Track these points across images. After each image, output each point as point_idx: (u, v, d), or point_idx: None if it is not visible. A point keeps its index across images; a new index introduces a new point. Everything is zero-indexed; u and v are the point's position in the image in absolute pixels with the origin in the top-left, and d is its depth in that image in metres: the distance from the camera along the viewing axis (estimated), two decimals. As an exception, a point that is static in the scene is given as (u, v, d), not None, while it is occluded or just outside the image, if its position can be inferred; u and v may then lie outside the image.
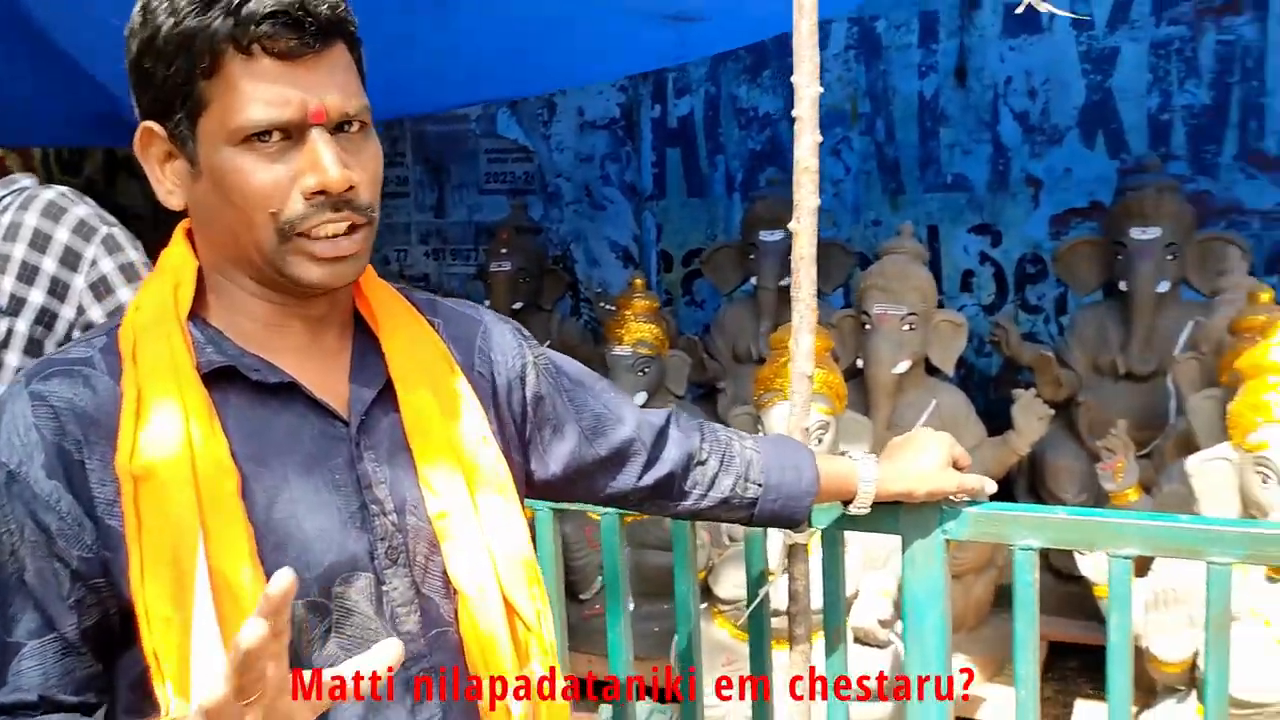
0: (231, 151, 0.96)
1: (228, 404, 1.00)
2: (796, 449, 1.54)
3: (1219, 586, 1.62)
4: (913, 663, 1.79)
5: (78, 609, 0.96)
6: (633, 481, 1.36)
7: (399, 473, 1.07)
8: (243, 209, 0.97)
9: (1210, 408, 2.97)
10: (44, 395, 0.96)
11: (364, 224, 1.02)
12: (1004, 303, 5.38)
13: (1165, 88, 4.96)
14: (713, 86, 5.79)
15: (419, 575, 1.06)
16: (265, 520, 0.98)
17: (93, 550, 0.96)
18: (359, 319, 1.13)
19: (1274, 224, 4.87)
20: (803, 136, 1.76)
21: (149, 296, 1.04)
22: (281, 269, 1.00)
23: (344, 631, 1.02)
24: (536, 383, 1.25)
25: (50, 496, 0.94)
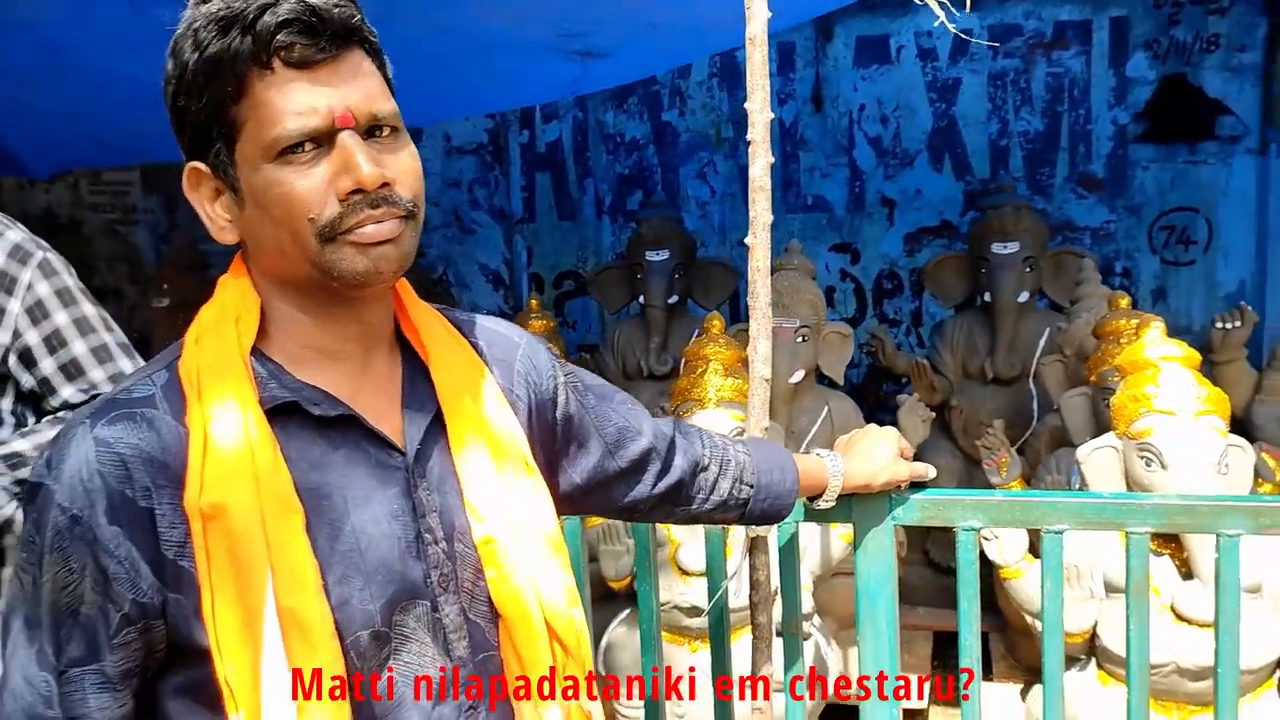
0: (269, 168, 0.97)
1: (289, 437, 1.01)
2: (778, 451, 1.61)
3: (1139, 555, 1.82)
4: (866, 643, 1.92)
5: (123, 650, 0.98)
6: (647, 490, 1.39)
7: (448, 500, 1.09)
8: (285, 221, 0.98)
9: (1080, 404, 3.26)
10: (109, 441, 0.96)
11: (405, 217, 1.01)
12: (864, 317, 5.69)
13: (1003, 115, 5.38)
14: (580, 112, 5.92)
15: (466, 601, 1.08)
16: (330, 553, 0.99)
17: (148, 595, 0.97)
18: (404, 343, 1.14)
19: (1103, 240, 5.33)
20: (757, 159, 1.87)
21: (209, 330, 1.03)
22: (330, 270, 0.99)
23: (402, 658, 1.04)
24: (566, 403, 1.28)
25: (111, 542, 0.95)
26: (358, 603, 1.01)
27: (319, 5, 0.97)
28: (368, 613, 1.01)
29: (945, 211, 5.49)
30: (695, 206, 5.80)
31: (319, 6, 0.97)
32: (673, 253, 4.36)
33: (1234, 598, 1.79)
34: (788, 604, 2.01)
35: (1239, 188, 5.16)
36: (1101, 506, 1.84)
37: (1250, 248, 5.19)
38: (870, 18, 5.40)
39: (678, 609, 2.85)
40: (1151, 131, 5.23)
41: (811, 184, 5.67)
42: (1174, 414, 2.37)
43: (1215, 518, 1.76)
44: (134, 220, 6.68)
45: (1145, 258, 5.33)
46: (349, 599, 1.00)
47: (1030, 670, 3.45)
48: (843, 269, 5.70)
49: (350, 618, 1.00)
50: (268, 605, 0.94)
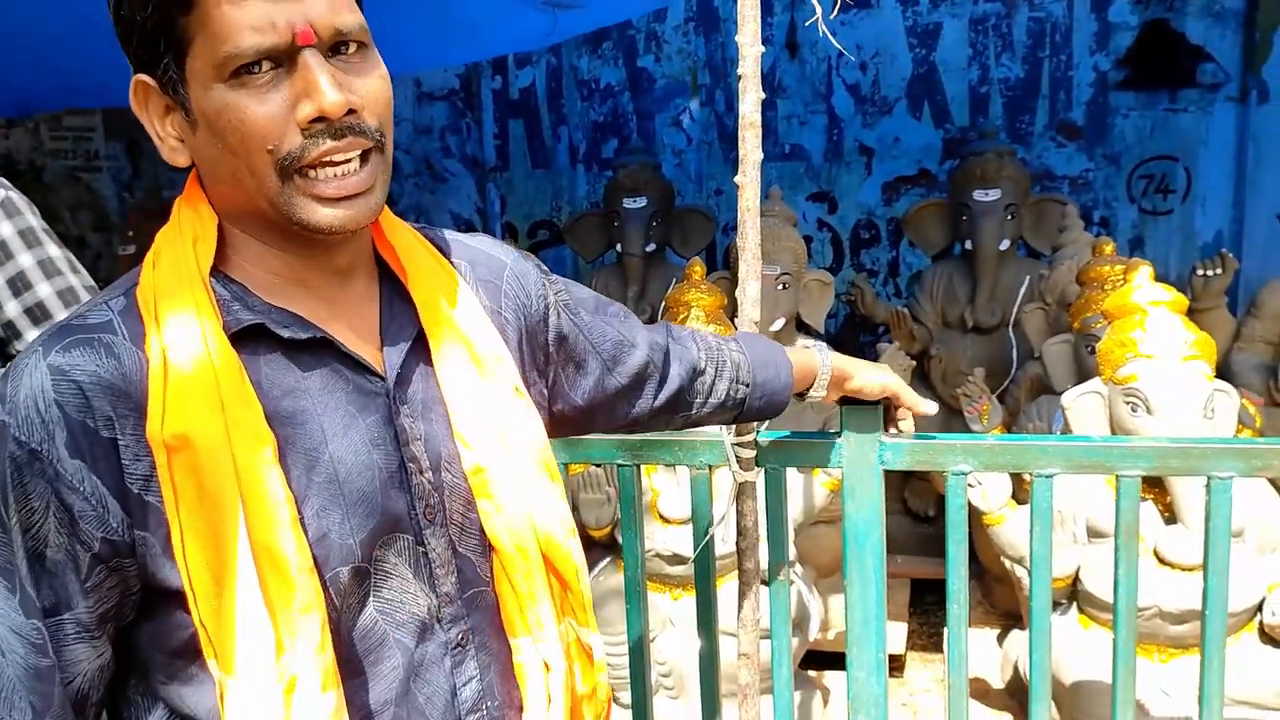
0: (221, 89, 0.88)
1: (258, 363, 0.94)
2: (772, 346, 1.55)
3: (1129, 498, 1.80)
4: (853, 588, 1.90)
5: (96, 593, 0.91)
6: (649, 404, 1.34)
7: (434, 427, 1.02)
8: (241, 151, 0.90)
9: (1062, 351, 3.25)
10: (65, 369, 0.88)
11: (372, 148, 0.93)
12: (841, 267, 5.65)
13: (984, 61, 5.31)
14: (553, 58, 5.81)
15: (455, 534, 1.02)
16: (306, 484, 0.93)
17: (118, 532, 0.90)
18: (381, 264, 1.06)
19: (1082, 189, 5.30)
20: (747, 94, 1.82)
21: (166, 253, 0.95)
22: (290, 214, 0.92)
23: (382, 595, 0.98)
24: (559, 322, 1.19)
25: (74, 477, 0.88)
26: (337, 537, 0.94)
27: None
28: (347, 547, 0.94)
29: (924, 160, 5.44)
30: (671, 154, 5.72)
31: None
32: (650, 200, 4.29)
33: (1224, 541, 1.77)
34: (774, 550, 1.98)
35: (1218, 136, 5.13)
36: (1092, 450, 1.82)
37: (1228, 197, 5.17)
38: (850, -39, 5.31)
39: (659, 556, 2.83)
40: (1132, 78, 5.19)
41: (789, 132, 5.60)
42: (1160, 359, 2.35)
43: (1207, 460, 1.74)
44: (96, 167, 6.53)
45: (1123, 207, 5.30)
46: (327, 533, 0.93)
47: (1006, 616, 3.47)
48: (820, 218, 5.65)
49: (329, 553, 0.93)
50: (240, 541, 0.87)
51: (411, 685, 0.99)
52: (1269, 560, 2.50)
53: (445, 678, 1.01)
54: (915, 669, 3.61)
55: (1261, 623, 2.44)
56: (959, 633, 1.93)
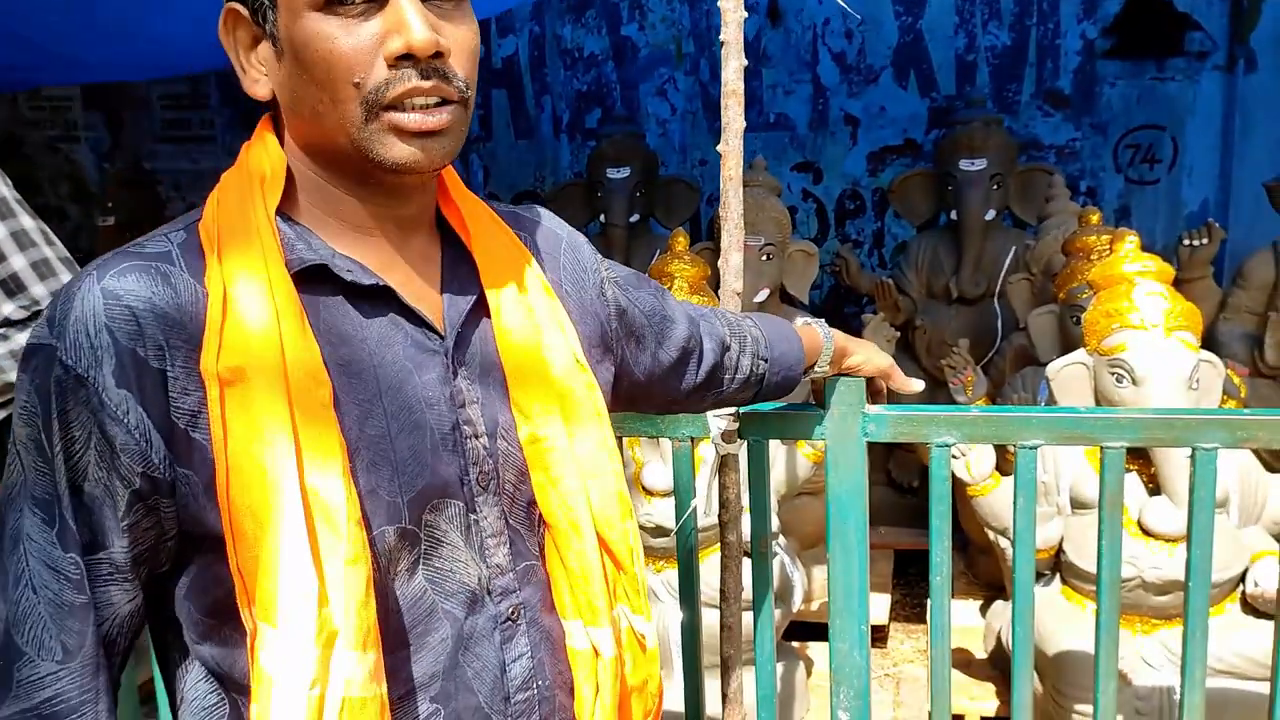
0: (312, 18, 0.87)
1: (317, 306, 0.91)
2: (780, 321, 1.54)
3: (1113, 470, 1.78)
4: (836, 560, 1.89)
5: (131, 532, 0.88)
6: (694, 379, 1.32)
7: (490, 392, 0.99)
8: (326, 83, 0.88)
9: (1047, 322, 3.24)
10: (119, 294, 0.84)
11: (457, 100, 0.91)
12: (826, 238, 5.62)
13: (970, 29, 5.27)
14: (536, 26, 5.74)
15: (507, 505, 0.99)
16: (358, 436, 0.89)
17: (160, 469, 0.86)
18: (445, 228, 1.04)
19: (1068, 158, 5.28)
20: (729, 60, 1.78)
21: (232, 190, 0.93)
22: (369, 152, 0.90)
23: (432, 563, 0.95)
24: (616, 296, 1.18)
25: (119, 408, 0.84)
26: (385, 494, 0.91)
27: None
28: (395, 506, 0.91)
29: (910, 130, 5.41)
30: (655, 124, 5.67)
31: None
32: (634, 170, 4.26)
33: (1208, 512, 1.76)
34: (757, 522, 1.97)
35: (1205, 105, 5.11)
36: (1077, 421, 1.80)
37: (1214, 166, 5.16)
38: (836, -73, 5.26)
39: (642, 529, 2.82)
40: (1119, 47, 5.16)
41: (774, 101, 5.56)
42: (1146, 329, 2.34)
43: (1192, 431, 1.73)
44: (75, 138, 6.46)
45: (1110, 176, 5.29)
46: (376, 489, 0.90)
47: (989, 587, 3.47)
48: (805, 189, 5.62)
49: (376, 509, 0.90)
50: (291, 484, 0.83)
51: (460, 658, 0.96)
52: (1252, 531, 2.50)
53: (495, 652, 0.98)
54: (899, 640, 3.62)
55: (1244, 593, 2.44)
56: (942, 604, 1.92)
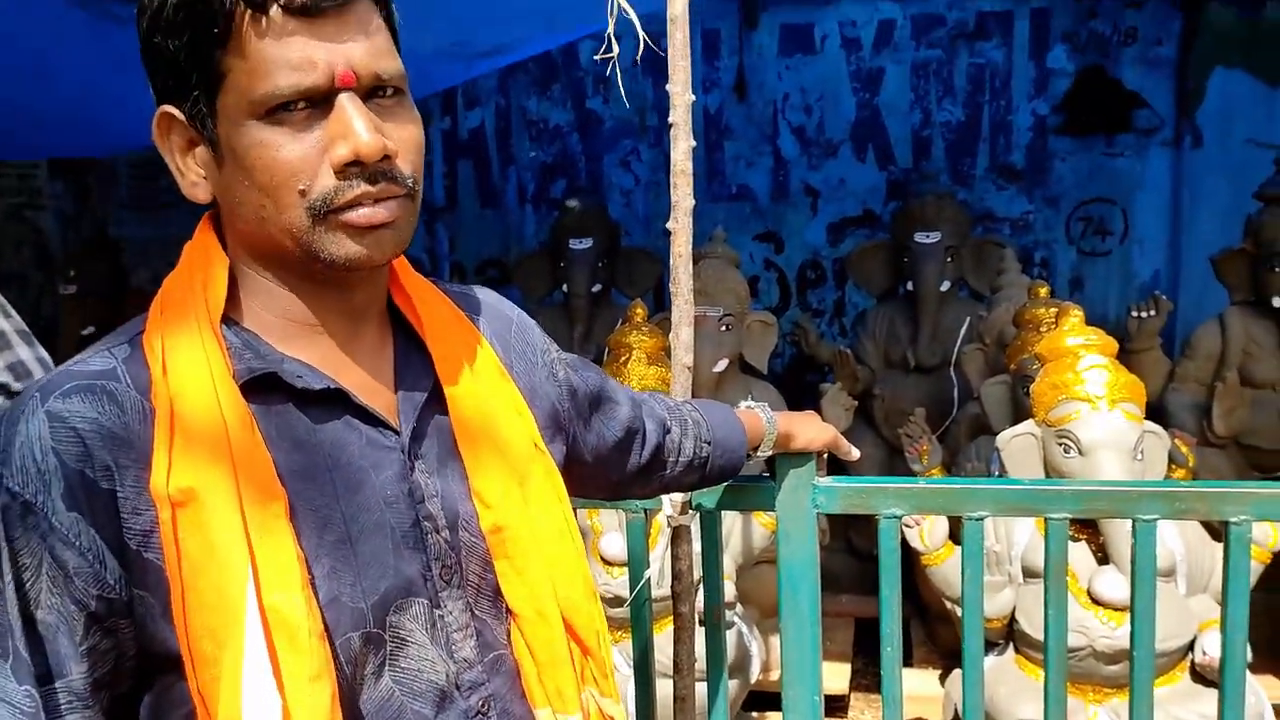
0: (254, 126, 0.86)
1: (269, 414, 0.89)
2: (721, 406, 1.55)
3: (1058, 540, 1.82)
4: (789, 630, 1.90)
5: (90, 656, 0.85)
6: (638, 460, 1.33)
7: (450, 484, 0.98)
8: (270, 190, 0.86)
9: (999, 392, 3.29)
10: (64, 416, 0.83)
11: (404, 196, 0.90)
12: (788, 306, 5.70)
13: (926, 105, 5.41)
14: (502, 99, 5.84)
15: (472, 596, 0.98)
16: (317, 544, 0.88)
17: (115, 590, 0.84)
18: (396, 314, 1.03)
19: (1022, 230, 5.40)
20: (678, 142, 1.83)
21: (174, 298, 0.92)
22: (318, 253, 0.88)
23: (398, 664, 0.93)
24: (566, 377, 1.17)
25: (70, 531, 0.83)
26: (348, 600, 0.89)
27: None
28: (358, 611, 0.89)
29: (868, 201, 5.52)
30: (619, 195, 5.75)
31: None
32: (596, 241, 4.31)
33: (1150, 582, 1.80)
34: (710, 593, 1.98)
35: (1154, 180, 5.26)
36: (1021, 493, 1.84)
37: (1164, 239, 5.30)
38: (794, 7, 5.40)
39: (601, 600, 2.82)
40: (1070, 123, 5.31)
41: (736, 173, 5.66)
42: (1092, 401, 2.39)
43: (1131, 503, 1.77)
44: (40, 205, 6.45)
45: (1063, 248, 5.41)
46: (338, 596, 0.88)
47: (949, 656, 3.48)
48: (767, 258, 5.70)
49: (339, 617, 0.88)
50: (249, 603, 0.82)
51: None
52: (1200, 599, 2.54)
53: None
54: (859, 709, 3.61)
55: (1193, 661, 2.47)
56: (894, 674, 1.93)
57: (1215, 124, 5.13)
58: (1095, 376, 2.41)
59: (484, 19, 2.94)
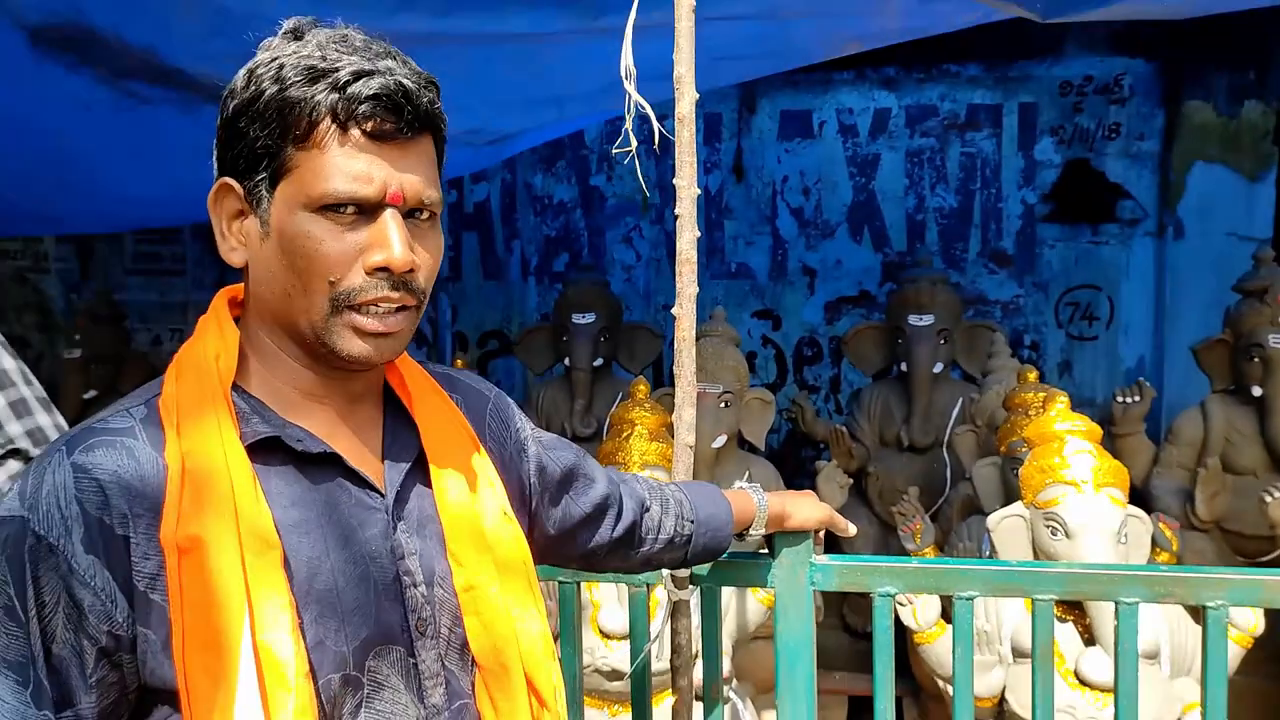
0: (306, 216, 0.98)
1: (269, 473, 1.00)
2: (708, 487, 1.65)
3: (1044, 620, 1.90)
4: (784, 705, 1.97)
5: (98, 688, 0.94)
6: (608, 534, 1.43)
7: (429, 544, 1.09)
8: (305, 273, 0.99)
9: (990, 474, 3.38)
10: (87, 468, 0.94)
11: (414, 306, 1.03)
12: (785, 383, 5.81)
13: (920, 191, 5.58)
14: (508, 174, 5.99)
15: (443, 648, 1.08)
16: (307, 591, 0.98)
17: (123, 627, 0.94)
18: (388, 391, 1.15)
19: (1013, 313, 5.54)
20: (684, 232, 1.94)
21: (189, 366, 1.03)
22: (327, 340, 1.01)
23: (374, 705, 1.02)
24: (537, 454, 1.30)
25: (87, 572, 0.92)
26: (332, 644, 0.99)
27: (410, 88, 0.99)
28: (341, 655, 1.00)
29: (864, 282, 5.66)
30: (621, 270, 5.89)
31: (410, 90, 0.99)
32: (598, 316, 4.42)
33: (1132, 664, 1.87)
34: (708, 667, 2.05)
35: (1139, 268, 5.41)
36: (1009, 574, 1.92)
37: (1149, 326, 5.43)
38: (794, 93, 5.59)
39: (598, 672, 2.87)
40: (1056, 212, 5.48)
41: (735, 252, 5.81)
42: (1078, 486, 2.48)
43: (1114, 586, 1.85)
44: (45, 269, 6.55)
45: (1052, 332, 5.55)
46: (323, 640, 0.99)
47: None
48: (764, 335, 5.82)
49: (323, 659, 0.98)
50: (244, 642, 0.92)
51: None
52: (1184, 682, 2.60)
53: None
54: (851, 786, 3.64)
55: (1178, 743, 2.53)
56: (886, 751, 1.99)
57: (1196, 216, 5.29)
58: (1081, 461, 2.50)
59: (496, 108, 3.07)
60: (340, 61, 0.98)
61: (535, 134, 3.70)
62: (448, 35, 2.65)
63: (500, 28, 2.62)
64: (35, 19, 2.48)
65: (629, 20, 1.80)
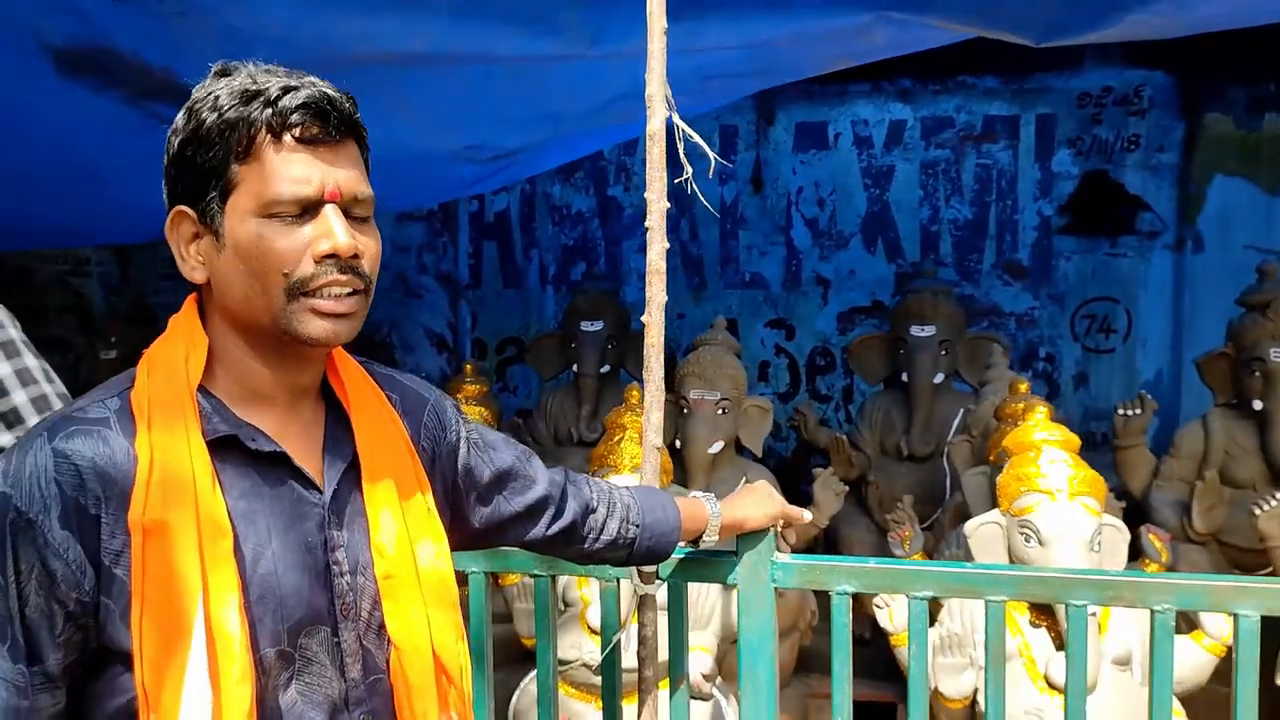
0: (256, 222, 1.09)
1: (226, 467, 1.12)
2: (661, 494, 1.77)
3: (995, 621, 1.95)
4: (747, 698, 2.03)
5: (64, 647, 1.07)
6: (543, 532, 1.54)
7: (356, 537, 1.21)
8: (260, 272, 1.10)
9: (980, 482, 3.41)
10: (67, 454, 1.05)
11: (362, 290, 1.15)
12: (797, 392, 5.85)
13: (934, 203, 5.61)
14: (528, 185, 6.10)
15: (362, 629, 1.20)
16: (251, 575, 1.10)
17: (89, 595, 1.06)
18: (329, 394, 1.26)
19: (1027, 325, 5.55)
20: (654, 244, 2.01)
21: (160, 363, 1.14)
22: (289, 328, 1.11)
23: (303, 679, 1.15)
24: (467, 455, 1.41)
25: (61, 545, 1.04)
26: (270, 622, 1.11)
27: (334, 96, 1.12)
28: (277, 632, 1.12)
29: (877, 292, 5.70)
30: (637, 279, 5.97)
31: (334, 98, 1.12)
32: (606, 324, 4.50)
33: (1082, 663, 1.91)
34: (674, 661, 2.11)
35: (1157, 281, 5.40)
36: (962, 575, 1.97)
37: (1167, 339, 5.42)
38: (809, 105, 5.65)
39: (586, 667, 2.93)
40: (1074, 224, 5.49)
41: (750, 261, 5.87)
42: (1052, 495, 2.52)
43: (1063, 589, 1.90)
44: (86, 273, 6.73)
45: (1067, 344, 5.55)
46: (263, 617, 1.11)
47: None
48: (777, 344, 5.87)
49: (262, 634, 1.10)
50: (197, 616, 1.04)
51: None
52: (1160, 689, 2.62)
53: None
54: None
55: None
56: (847, 748, 2.04)
57: (1215, 229, 5.28)
58: (1056, 471, 2.55)
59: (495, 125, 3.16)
60: (269, 82, 1.11)
61: (549, 155, 3.79)
62: (448, 55, 2.74)
63: (497, 50, 2.71)
64: (60, 41, 2.59)
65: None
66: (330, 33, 2.59)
